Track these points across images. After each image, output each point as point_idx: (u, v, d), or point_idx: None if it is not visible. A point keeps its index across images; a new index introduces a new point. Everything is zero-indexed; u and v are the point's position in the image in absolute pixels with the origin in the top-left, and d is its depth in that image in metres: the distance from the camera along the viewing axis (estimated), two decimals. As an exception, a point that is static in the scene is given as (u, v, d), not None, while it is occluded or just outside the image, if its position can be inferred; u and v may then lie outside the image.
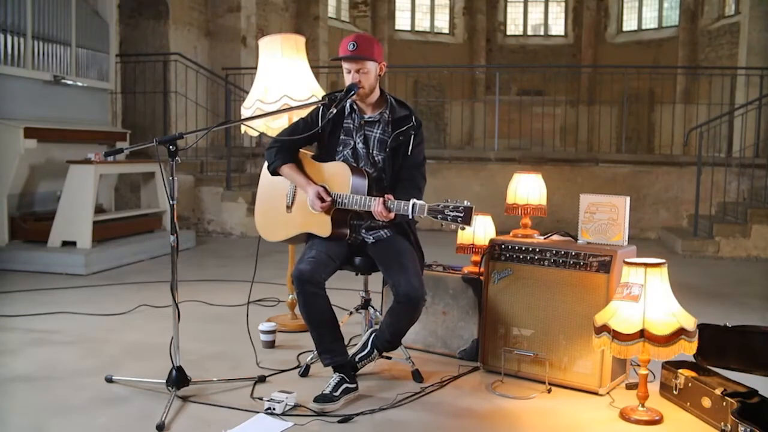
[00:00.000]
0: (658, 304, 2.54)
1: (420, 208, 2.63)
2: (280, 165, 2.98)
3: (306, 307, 2.80)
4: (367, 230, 2.99)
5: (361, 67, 2.86)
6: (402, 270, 2.79)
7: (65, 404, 2.74)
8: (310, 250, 2.87)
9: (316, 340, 2.87)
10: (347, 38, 2.91)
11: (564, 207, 6.98)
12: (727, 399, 2.48)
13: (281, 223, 3.07)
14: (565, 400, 2.84)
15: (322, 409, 2.64)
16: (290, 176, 2.98)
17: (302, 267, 2.77)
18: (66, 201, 5.66)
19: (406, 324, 2.87)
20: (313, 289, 2.76)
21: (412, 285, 2.74)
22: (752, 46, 9.17)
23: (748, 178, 7.38)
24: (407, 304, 2.75)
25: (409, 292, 2.73)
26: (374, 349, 2.93)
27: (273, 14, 10.87)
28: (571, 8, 14.63)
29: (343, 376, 2.78)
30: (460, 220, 2.58)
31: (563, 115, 10.24)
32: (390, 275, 2.84)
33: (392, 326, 2.88)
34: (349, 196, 2.82)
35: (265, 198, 3.18)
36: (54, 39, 6.19)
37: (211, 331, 3.81)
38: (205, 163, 8.16)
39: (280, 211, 3.07)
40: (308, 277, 2.74)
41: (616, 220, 2.99)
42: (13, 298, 4.58)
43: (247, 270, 5.51)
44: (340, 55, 2.89)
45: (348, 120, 3.00)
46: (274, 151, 3.00)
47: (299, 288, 2.76)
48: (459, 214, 2.58)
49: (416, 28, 14.72)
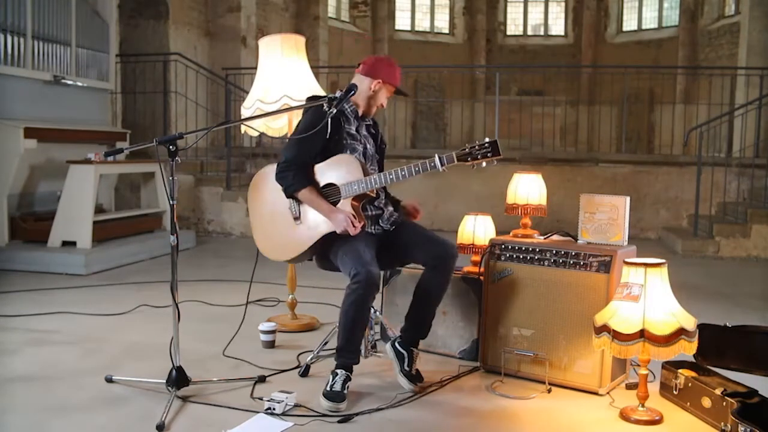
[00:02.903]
0: (658, 304, 2.54)
1: (449, 159, 2.75)
2: (300, 189, 2.89)
3: (361, 307, 2.76)
4: (384, 220, 3.03)
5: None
6: (429, 237, 2.95)
7: (65, 404, 2.74)
8: (365, 252, 2.77)
9: (349, 339, 2.80)
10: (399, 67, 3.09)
11: (564, 207, 6.96)
12: (727, 399, 2.48)
13: (292, 238, 2.95)
14: (565, 400, 2.84)
15: (337, 408, 2.64)
16: (311, 202, 2.89)
17: (374, 270, 2.72)
18: (66, 201, 5.66)
19: (442, 291, 2.96)
20: (375, 293, 2.78)
21: (447, 242, 2.92)
22: (752, 46, 9.17)
23: (748, 178, 7.38)
24: (446, 259, 2.88)
25: (447, 248, 2.89)
26: (410, 350, 2.95)
27: (273, 14, 10.87)
28: (571, 8, 14.62)
29: (348, 374, 2.80)
30: (490, 155, 2.71)
31: (563, 115, 10.24)
32: (419, 246, 2.93)
33: (421, 309, 2.96)
34: (367, 179, 2.83)
35: (265, 219, 3.06)
36: (54, 39, 6.19)
37: (211, 331, 3.81)
38: (205, 163, 8.16)
39: (287, 226, 2.96)
40: (377, 281, 2.74)
41: (616, 220, 2.99)
42: (13, 298, 4.58)
43: (247, 270, 5.49)
44: (398, 86, 3.09)
45: (350, 126, 3.03)
46: (290, 174, 2.90)
47: (366, 290, 2.70)
48: (487, 149, 2.71)
49: (416, 28, 14.71)
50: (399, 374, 2.93)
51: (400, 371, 2.93)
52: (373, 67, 3.03)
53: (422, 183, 8.11)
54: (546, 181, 3.39)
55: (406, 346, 2.97)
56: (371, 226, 2.99)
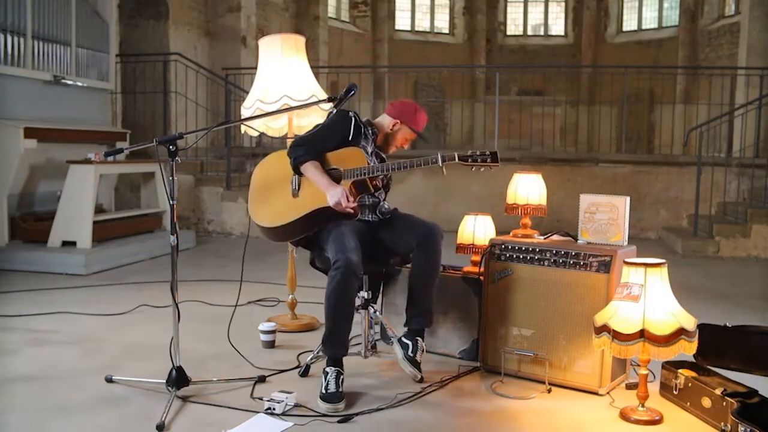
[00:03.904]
0: (658, 304, 2.54)
1: (450, 157, 2.87)
2: (308, 159, 2.97)
3: (342, 296, 2.77)
4: (378, 212, 3.12)
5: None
6: (414, 220, 3.07)
7: (65, 404, 2.74)
8: (349, 240, 2.82)
9: (334, 330, 2.82)
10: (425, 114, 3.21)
11: (564, 207, 6.96)
12: (727, 399, 2.48)
13: (288, 206, 3.01)
14: (565, 400, 2.84)
15: (336, 409, 2.64)
16: (313, 174, 2.96)
17: (353, 257, 2.75)
18: (66, 201, 5.66)
19: (433, 271, 2.99)
20: (355, 281, 2.79)
21: (432, 223, 3.02)
22: (752, 46, 9.18)
23: (748, 178, 7.38)
24: (430, 237, 2.95)
25: (432, 228, 2.98)
26: (416, 339, 2.98)
27: (273, 14, 10.87)
28: (571, 8, 14.63)
29: (339, 369, 2.80)
30: (489, 160, 2.85)
31: (563, 115, 10.24)
32: (407, 229, 3.02)
33: (420, 292, 3.00)
34: (370, 166, 2.94)
35: (263, 189, 3.13)
36: (54, 39, 6.19)
37: (211, 331, 3.81)
38: (205, 163, 8.16)
39: (285, 197, 3.04)
40: (355, 268, 2.75)
41: (616, 220, 2.99)
42: (13, 298, 4.58)
43: (247, 270, 5.50)
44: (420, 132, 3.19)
45: (366, 142, 3.11)
46: (303, 148, 3.00)
47: (344, 277, 2.73)
48: (487, 156, 2.86)
49: (416, 28, 14.72)
50: (403, 359, 2.93)
51: (404, 356, 2.93)
52: (397, 108, 3.20)
53: (422, 183, 8.12)
54: (546, 181, 3.39)
55: (411, 337, 2.99)
56: (369, 213, 3.08)
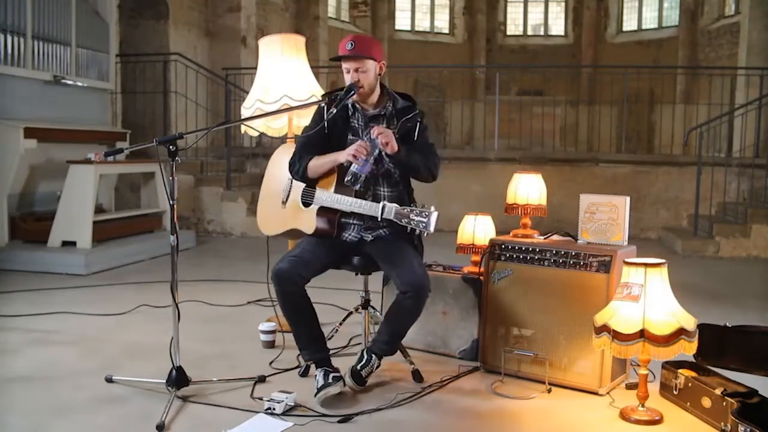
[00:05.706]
0: (658, 304, 2.54)
1: (388, 211, 2.69)
2: (305, 164, 2.93)
3: (284, 304, 2.85)
4: (366, 230, 2.99)
5: (360, 65, 2.88)
6: (405, 262, 2.81)
7: (65, 404, 2.74)
8: (295, 249, 2.94)
9: (296, 337, 2.91)
10: (345, 38, 2.94)
11: (564, 207, 6.94)
12: (727, 399, 2.48)
13: (278, 217, 3.13)
14: (565, 400, 2.84)
15: (327, 393, 2.68)
16: (320, 165, 2.92)
17: (281, 266, 2.81)
18: (66, 201, 5.66)
19: (407, 320, 2.85)
20: (291, 288, 2.80)
21: (417, 273, 2.77)
22: (752, 46, 9.18)
23: (748, 178, 7.38)
24: (412, 292, 2.73)
25: (415, 280, 2.74)
26: (371, 355, 2.87)
27: (273, 14, 10.87)
28: (571, 8, 14.63)
29: (326, 369, 2.79)
30: (423, 226, 2.62)
31: (563, 115, 10.23)
32: (392, 267, 2.85)
33: (391, 325, 2.86)
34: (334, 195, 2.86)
35: (268, 193, 3.24)
36: (54, 39, 6.19)
37: (211, 331, 3.81)
38: (205, 163, 8.16)
39: (277, 205, 3.14)
40: (285, 275, 2.79)
41: (616, 220, 2.99)
42: (13, 298, 4.58)
43: (247, 270, 5.52)
44: (339, 55, 2.91)
45: (353, 119, 3.01)
46: (296, 162, 2.97)
47: (276, 286, 2.81)
48: (423, 219, 2.62)
49: (416, 28, 14.71)
50: (348, 369, 2.85)
51: (349, 367, 2.86)
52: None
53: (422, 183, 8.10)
54: (546, 181, 3.39)
55: (369, 353, 2.89)
56: (350, 233, 2.98)
